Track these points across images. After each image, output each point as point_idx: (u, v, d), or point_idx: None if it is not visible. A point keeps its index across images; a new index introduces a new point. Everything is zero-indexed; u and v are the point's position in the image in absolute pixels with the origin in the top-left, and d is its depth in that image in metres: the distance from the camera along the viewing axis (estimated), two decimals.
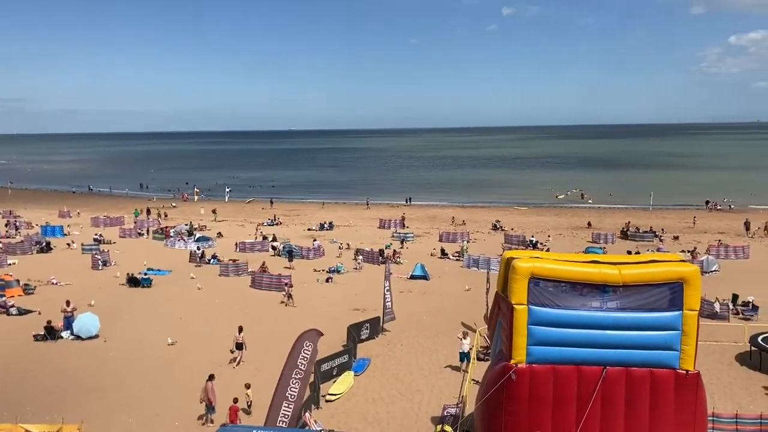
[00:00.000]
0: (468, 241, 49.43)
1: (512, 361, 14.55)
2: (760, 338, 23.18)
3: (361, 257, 42.21)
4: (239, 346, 24.07)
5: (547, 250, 42.11)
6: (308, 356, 14.95)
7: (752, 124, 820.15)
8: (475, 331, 25.98)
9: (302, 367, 15.00)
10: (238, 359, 23.80)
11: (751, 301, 29.41)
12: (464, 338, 22.97)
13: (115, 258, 43.45)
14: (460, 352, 22.79)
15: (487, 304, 26.39)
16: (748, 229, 55.07)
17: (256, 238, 52.79)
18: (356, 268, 40.82)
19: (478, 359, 22.91)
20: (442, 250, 45.92)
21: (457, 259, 44.04)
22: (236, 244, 48.82)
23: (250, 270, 39.12)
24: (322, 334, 16.10)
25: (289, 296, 32.09)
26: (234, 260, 41.88)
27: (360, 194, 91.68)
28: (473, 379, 20.48)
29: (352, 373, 22.20)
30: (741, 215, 64.27)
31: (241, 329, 24.40)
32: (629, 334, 14.44)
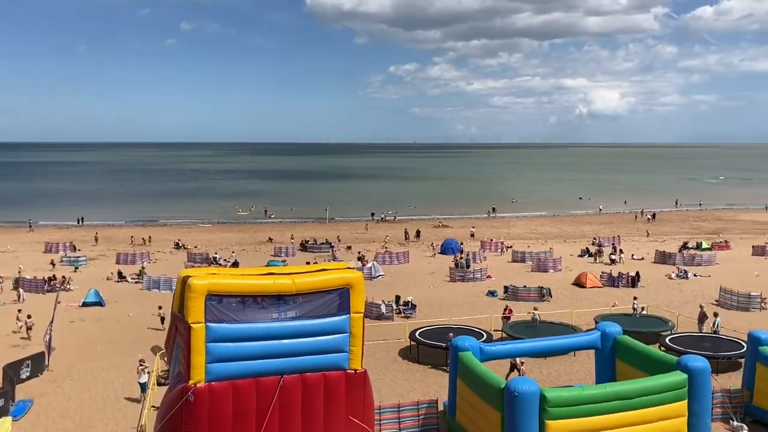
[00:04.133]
0: (148, 262, 47.25)
1: (191, 382, 14.26)
2: (417, 333, 26.25)
3: (21, 288, 37.42)
4: None
5: (232, 265, 42.29)
6: None
7: (410, 144, 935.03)
8: (156, 356, 24.87)
9: None
10: None
11: (410, 300, 33.14)
12: (144, 364, 21.83)
13: None
14: (138, 382, 21.59)
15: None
16: (407, 237, 62.13)
17: None
18: (17, 300, 36.05)
19: (159, 384, 21.98)
20: (120, 273, 43.07)
21: (136, 282, 41.69)
22: None
23: None
24: None
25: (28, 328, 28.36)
26: None
27: (21, 215, 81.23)
28: (153, 406, 19.56)
29: (9, 418, 19.42)
30: (403, 225, 72.22)
31: None
32: (304, 341, 15.17)
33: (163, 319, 29.93)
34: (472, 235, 63.00)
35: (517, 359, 22.05)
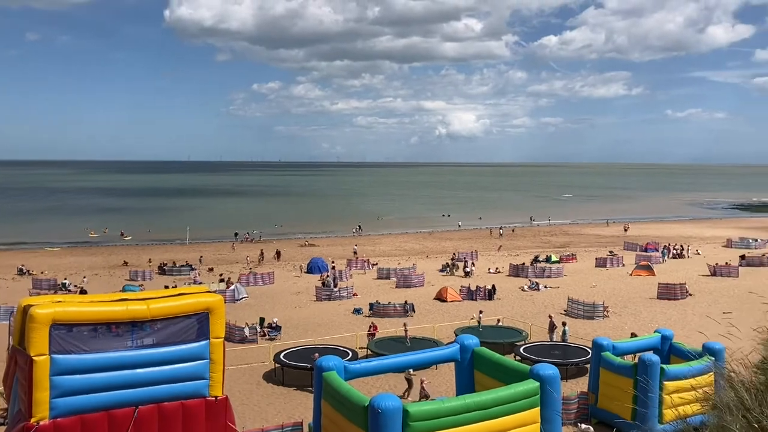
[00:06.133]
0: None
1: (33, 420, 13.20)
2: (281, 355, 25.88)
3: None
4: None
5: (82, 292, 39.63)
6: None
7: (275, 163, 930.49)
8: None
9: None
10: None
11: (275, 322, 32.64)
12: None
13: None
14: None
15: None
16: (262, 257, 60.49)
17: None
18: None
19: None
20: None
21: None
22: None
23: None
24: None
25: None
26: None
27: None
28: None
29: None
30: (269, 245, 71.26)
31: None
32: (160, 370, 14.53)
33: None
34: (355, 253, 63.47)
35: (412, 373, 22.61)
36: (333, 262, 56.03)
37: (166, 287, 38.06)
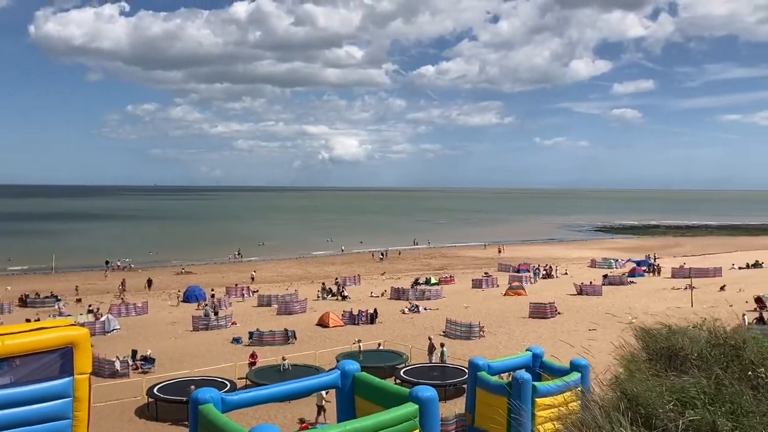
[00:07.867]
0: None
1: None
2: (155, 389, 24.71)
3: None
4: None
5: None
6: None
7: (150, 187, 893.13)
8: None
9: None
10: None
11: (148, 354, 31.17)
12: None
13: None
14: None
15: None
16: (123, 288, 57.08)
17: None
18: None
19: None
20: None
21: None
22: None
23: None
24: None
25: None
26: None
27: None
28: None
29: None
30: (141, 273, 68.20)
31: None
32: (18, 411, 13.43)
33: None
34: (253, 279, 62.08)
35: (325, 397, 22.37)
36: (213, 290, 54.39)
37: (28, 320, 35.36)
